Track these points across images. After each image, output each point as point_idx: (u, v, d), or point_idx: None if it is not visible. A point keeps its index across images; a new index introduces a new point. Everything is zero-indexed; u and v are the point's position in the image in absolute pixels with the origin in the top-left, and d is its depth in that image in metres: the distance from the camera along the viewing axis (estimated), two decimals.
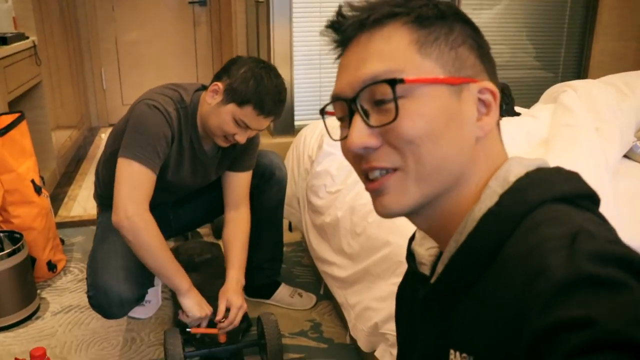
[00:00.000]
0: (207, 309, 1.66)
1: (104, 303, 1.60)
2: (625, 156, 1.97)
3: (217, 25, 4.67)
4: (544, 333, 0.43)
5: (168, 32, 4.65)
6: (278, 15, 2.92)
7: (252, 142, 1.83)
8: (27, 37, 2.86)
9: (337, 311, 2.05)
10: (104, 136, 4.40)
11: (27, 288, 2.01)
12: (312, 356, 1.81)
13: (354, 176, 1.74)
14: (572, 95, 2.02)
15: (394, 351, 1.28)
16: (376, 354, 1.36)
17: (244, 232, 1.84)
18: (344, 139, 0.62)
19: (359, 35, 0.61)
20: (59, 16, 3.75)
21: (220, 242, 2.52)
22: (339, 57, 0.64)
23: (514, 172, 0.57)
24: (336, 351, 1.83)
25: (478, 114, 0.59)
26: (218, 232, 2.67)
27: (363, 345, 1.44)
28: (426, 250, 0.68)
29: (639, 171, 1.85)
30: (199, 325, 1.68)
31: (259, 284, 2.10)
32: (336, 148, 1.91)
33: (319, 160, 1.91)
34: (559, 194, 0.54)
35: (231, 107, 1.57)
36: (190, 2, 4.63)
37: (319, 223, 1.82)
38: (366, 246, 1.48)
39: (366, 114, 0.59)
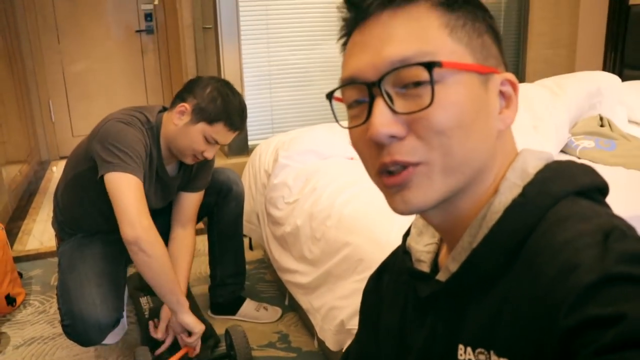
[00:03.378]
0: (202, 324, 1.68)
1: (82, 330, 1.60)
2: (562, 151, 2.11)
3: (165, 52, 4.70)
4: (575, 330, 0.42)
5: (115, 61, 4.64)
6: (227, 40, 2.98)
7: (208, 163, 1.87)
8: None
9: (303, 321, 2.09)
10: (55, 169, 4.32)
11: None
12: None
13: (311, 185, 1.80)
14: None
15: None
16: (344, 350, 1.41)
17: (191, 250, 1.88)
18: (357, 126, 0.56)
19: (381, 12, 0.55)
20: (3, 48, 3.70)
21: None
22: (342, 37, 0.60)
23: (531, 164, 0.56)
24: (305, 359, 1.87)
25: (499, 106, 0.57)
26: None
27: (331, 344, 1.49)
28: (424, 246, 0.66)
29: None
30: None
31: (223, 301, 2.13)
32: (291, 160, 1.97)
33: (275, 172, 1.97)
34: (580, 186, 0.53)
35: (201, 126, 1.63)
36: (137, 31, 4.64)
37: (280, 234, 1.87)
38: (326, 250, 1.54)
39: (390, 99, 0.54)
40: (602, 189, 0.56)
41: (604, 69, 3.31)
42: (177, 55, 3.79)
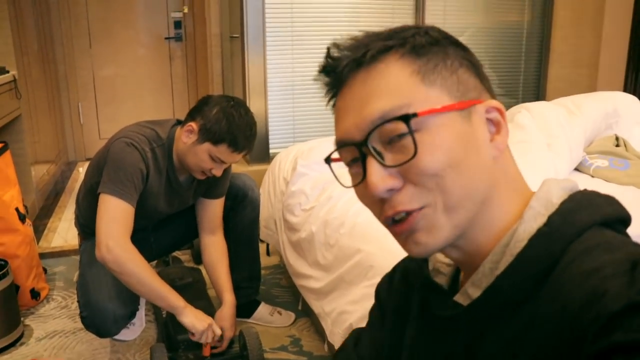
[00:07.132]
0: (208, 319, 1.72)
1: (99, 321, 1.68)
2: (577, 169, 2.14)
3: (193, 59, 4.82)
4: (600, 357, 0.43)
5: (144, 67, 4.78)
6: (252, 50, 3.06)
7: (225, 171, 1.94)
8: (8, 72, 2.94)
9: (315, 326, 2.13)
10: (81, 170, 4.45)
11: (11, 315, 2.05)
12: None
13: (327, 193, 1.86)
14: (526, 115, 2.19)
15: None
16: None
17: (226, 255, 1.96)
18: (358, 184, 0.59)
19: (355, 75, 0.59)
20: (37, 51, 3.84)
21: (200, 267, 2.60)
22: (331, 99, 0.63)
23: (555, 194, 0.58)
24: None
25: (489, 134, 0.59)
26: (198, 258, 2.75)
27: None
28: (445, 257, 0.67)
29: (589, 182, 2.02)
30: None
31: (239, 303, 2.18)
32: (309, 169, 2.04)
33: (293, 180, 2.03)
34: (605, 217, 0.55)
35: (207, 146, 1.69)
36: (166, 38, 4.77)
37: (295, 239, 1.93)
38: (339, 256, 1.60)
39: (380, 155, 0.57)
40: (624, 220, 0.57)
41: (625, 89, 3.32)
42: (204, 63, 3.89)
